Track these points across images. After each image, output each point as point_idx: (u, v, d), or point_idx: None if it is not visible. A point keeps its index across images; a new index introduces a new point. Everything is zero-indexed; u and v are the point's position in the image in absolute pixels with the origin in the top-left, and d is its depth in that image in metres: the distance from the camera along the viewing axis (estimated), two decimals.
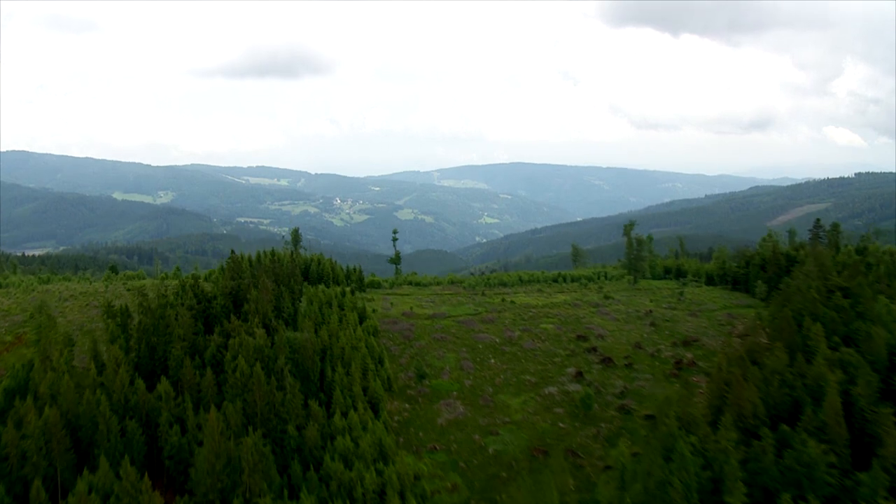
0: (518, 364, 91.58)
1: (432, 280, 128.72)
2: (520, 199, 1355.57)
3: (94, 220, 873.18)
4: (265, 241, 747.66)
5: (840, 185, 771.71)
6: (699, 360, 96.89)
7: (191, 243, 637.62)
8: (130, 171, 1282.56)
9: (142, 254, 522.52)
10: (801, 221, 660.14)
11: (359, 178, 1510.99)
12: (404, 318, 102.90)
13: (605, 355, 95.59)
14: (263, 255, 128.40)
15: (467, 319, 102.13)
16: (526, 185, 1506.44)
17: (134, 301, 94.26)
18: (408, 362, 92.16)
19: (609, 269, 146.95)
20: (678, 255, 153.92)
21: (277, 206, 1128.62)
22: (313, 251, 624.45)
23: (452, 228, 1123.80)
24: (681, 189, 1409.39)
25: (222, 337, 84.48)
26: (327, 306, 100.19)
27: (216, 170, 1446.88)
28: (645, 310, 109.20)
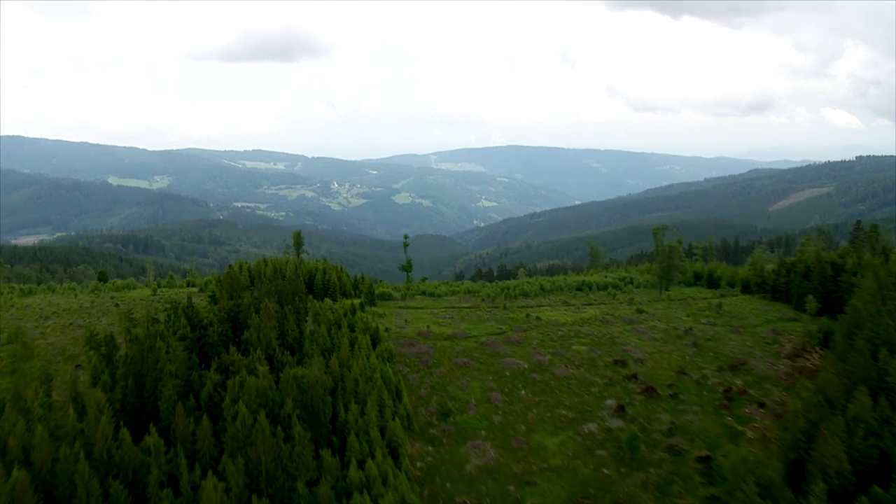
0: (552, 395, 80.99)
1: (447, 289, 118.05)
2: (517, 182, 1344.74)
3: (90, 205, 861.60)
4: (262, 226, 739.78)
5: (841, 169, 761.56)
6: (749, 387, 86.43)
7: (187, 230, 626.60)
8: (126, 155, 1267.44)
9: (137, 242, 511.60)
10: (802, 206, 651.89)
11: (356, 161, 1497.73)
12: (421, 339, 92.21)
13: (646, 384, 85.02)
14: (264, 264, 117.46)
15: (490, 340, 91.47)
16: (523, 168, 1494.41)
17: (121, 323, 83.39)
18: (428, 394, 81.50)
19: (634, 274, 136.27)
20: (706, 256, 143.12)
21: (274, 191, 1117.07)
22: (311, 236, 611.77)
23: (450, 212, 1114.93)
24: (679, 172, 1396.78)
25: (220, 373, 73.79)
26: (336, 327, 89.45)
27: (212, 154, 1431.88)
28: (684, 327, 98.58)
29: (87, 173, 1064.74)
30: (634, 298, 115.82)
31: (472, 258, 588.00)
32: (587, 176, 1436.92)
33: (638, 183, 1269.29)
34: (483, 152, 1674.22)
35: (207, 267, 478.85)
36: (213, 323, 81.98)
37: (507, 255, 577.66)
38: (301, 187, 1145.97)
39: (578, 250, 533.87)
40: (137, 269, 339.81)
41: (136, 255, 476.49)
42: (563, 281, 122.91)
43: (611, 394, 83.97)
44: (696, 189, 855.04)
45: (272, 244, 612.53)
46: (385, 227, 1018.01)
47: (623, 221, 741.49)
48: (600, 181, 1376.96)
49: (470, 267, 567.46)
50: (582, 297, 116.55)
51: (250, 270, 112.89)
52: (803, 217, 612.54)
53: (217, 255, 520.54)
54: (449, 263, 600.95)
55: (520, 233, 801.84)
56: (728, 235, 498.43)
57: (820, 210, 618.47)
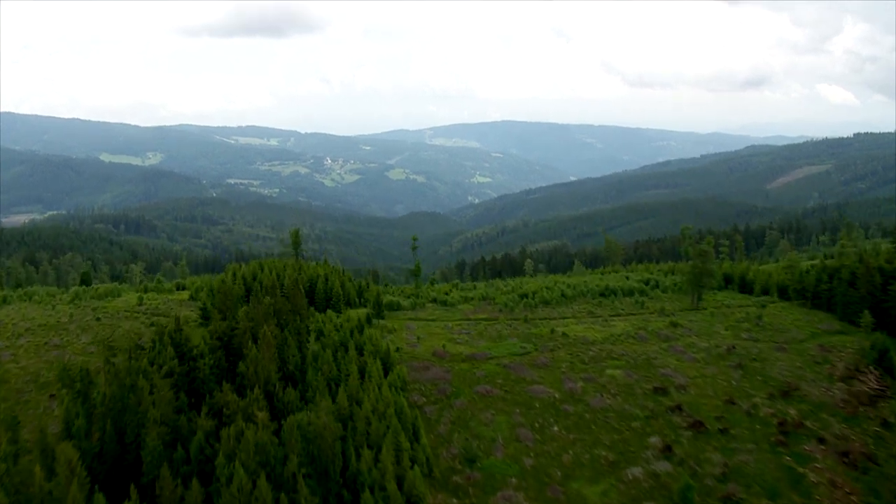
0: (588, 432, 71.10)
1: (460, 296, 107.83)
2: (511, 157, 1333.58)
3: (82, 183, 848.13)
4: (255, 205, 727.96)
5: (839, 146, 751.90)
6: (805, 417, 76.63)
7: (179, 209, 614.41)
8: (118, 132, 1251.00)
9: (129, 222, 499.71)
10: (801, 183, 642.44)
11: (349, 137, 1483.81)
12: (436, 361, 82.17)
13: (693, 417, 75.10)
14: (260, 269, 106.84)
15: (515, 363, 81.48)
16: (517, 144, 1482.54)
17: (101, 351, 73.10)
18: (448, 431, 71.47)
19: (657, 275, 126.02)
20: (733, 254, 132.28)
21: (268, 167, 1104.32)
22: (305, 214, 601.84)
23: (444, 188, 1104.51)
24: (674, 147, 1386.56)
25: (212, 418, 63.56)
26: (342, 349, 79.17)
27: (205, 130, 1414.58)
28: (726, 345, 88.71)
29: (79, 150, 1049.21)
30: (665, 308, 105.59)
31: (468, 237, 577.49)
32: (582, 152, 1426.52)
33: (633, 159, 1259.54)
34: (477, 128, 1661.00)
35: (200, 248, 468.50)
36: (205, 354, 71.57)
37: (503, 234, 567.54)
38: (294, 163, 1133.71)
39: (576, 229, 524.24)
40: (128, 253, 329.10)
41: (127, 236, 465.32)
42: (585, 286, 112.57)
43: (654, 429, 74.03)
44: (692, 166, 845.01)
45: (266, 223, 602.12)
46: (379, 203, 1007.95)
47: (620, 199, 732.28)
48: (595, 157, 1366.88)
49: (466, 246, 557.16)
50: (608, 306, 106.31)
51: (245, 278, 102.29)
52: (802, 195, 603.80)
53: (210, 235, 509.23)
54: (445, 242, 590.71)
55: (515, 210, 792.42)
56: (727, 214, 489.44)
57: (819, 188, 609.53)
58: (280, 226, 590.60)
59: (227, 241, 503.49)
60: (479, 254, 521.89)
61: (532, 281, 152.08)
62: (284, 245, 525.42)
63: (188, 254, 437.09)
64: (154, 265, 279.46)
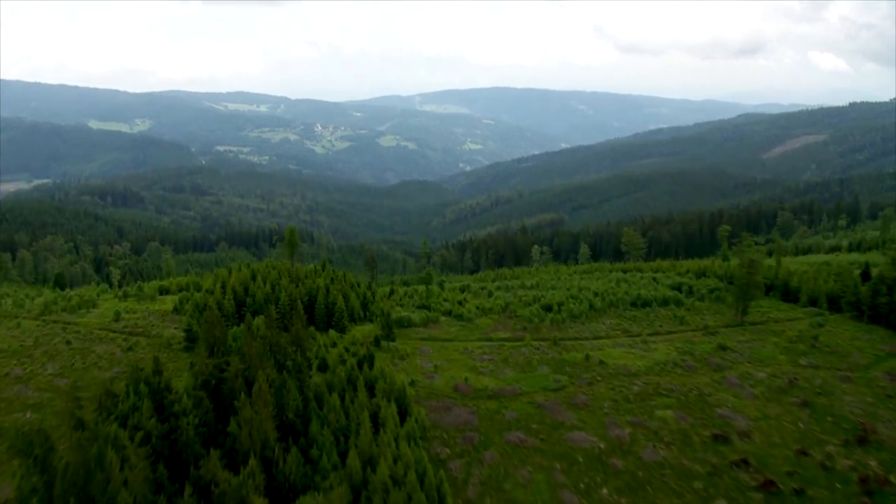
0: (643, 496, 59.53)
1: (476, 307, 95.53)
2: (503, 124, 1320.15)
3: (69, 151, 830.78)
4: (245, 174, 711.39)
5: (835, 116, 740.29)
6: (889, 470, 65.20)
7: (168, 178, 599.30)
8: (106, 98, 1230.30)
9: (115, 193, 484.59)
10: (798, 153, 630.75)
11: (339, 102, 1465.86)
12: (458, 399, 70.35)
13: (762, 474, 63.61)
14: (252, 279, 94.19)
15: (549, 402, 69.84)
16: (508, 110, 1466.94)
17: (64, 400, 60.60)
18: (479, 495, 59.82)
19: (687, 278, 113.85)
20: (772, 254, 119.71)
21: (257, 134, 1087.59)
22: (296, 183, 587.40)
23: (435, 155, 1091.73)
24: (666, 115, 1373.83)
25: (197, 498, 51.58)
26: (350, 388, 67.06)
27: (194, 96, 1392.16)
28: (785, 376, 77.30)
29: (67, 116, 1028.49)
30: (708, 324, 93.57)
31: (461, 208, 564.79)
32: (573, 118, 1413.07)
33: (624, 126, 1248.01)
34: (468, 94, 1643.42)
35: (189, 221, 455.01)
36: (188, 410, 59.22)
37: (497, 204, 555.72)
38: (284, 130, 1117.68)
39: (571, 201, 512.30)
40: (113, 229, 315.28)
41: (114, 208, 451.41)
42: (614, 294, 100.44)
43: (719, 491, 62.32)
44: (686, 134, 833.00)
45: (256, 192, 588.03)
46: (370, 170, 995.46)
47: (614, 168, 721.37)
48: (586, 123, 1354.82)
49: (460, 217, 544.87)
50: (643, 321, 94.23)
51: (235, 291, 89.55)
52: (799, 165, 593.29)
53: (199, 207, 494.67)
54: (437, 212, 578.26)
55: (507, 178, 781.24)
56: (726, 186, 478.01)
57: (816, 159, 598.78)
58: (270, 195, 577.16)
59: (217, 212, 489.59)
60: (473, 224, 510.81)
61: (543, 272, 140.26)
62: (274, 217, 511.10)
63: (176, 228, 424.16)
64: (140, 243, 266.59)
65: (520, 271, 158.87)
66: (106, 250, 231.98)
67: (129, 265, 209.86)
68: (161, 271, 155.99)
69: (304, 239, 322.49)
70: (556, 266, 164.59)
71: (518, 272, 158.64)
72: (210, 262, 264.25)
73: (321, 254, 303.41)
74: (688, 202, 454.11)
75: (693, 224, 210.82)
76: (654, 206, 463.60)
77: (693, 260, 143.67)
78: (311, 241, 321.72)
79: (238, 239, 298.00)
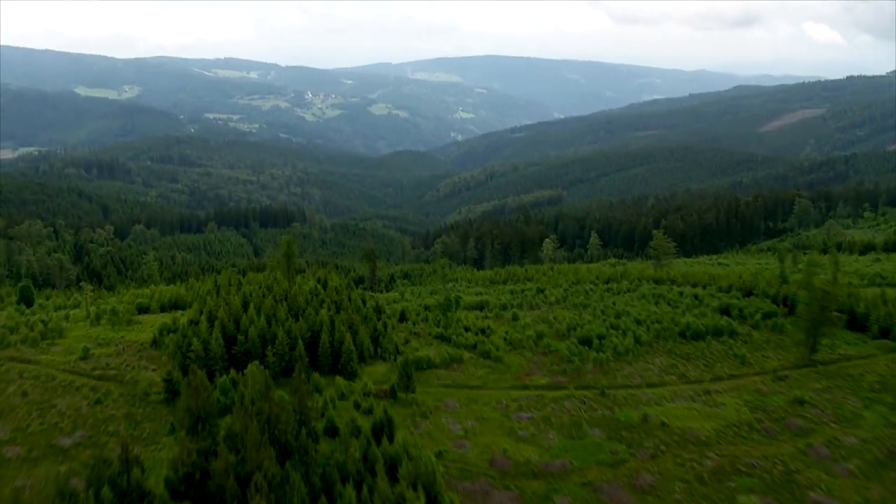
0: None
1: (504, 341, 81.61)
2: (495, 93, 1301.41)
3: (56, 118, 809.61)
4: (235, 143, 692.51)
5: (833, 90, 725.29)
6: None
7: (155, 148, 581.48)
8: (94, 64, 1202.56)
9: (101, 165, 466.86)
10: (795, 128, 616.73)
11: (330, 70, 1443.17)
12: (497, 480, 56.88)
13: None
14: (243, 310, 79.71)
15: (607, 483, 56.36)
16: (501, 79, 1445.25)
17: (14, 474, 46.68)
18: None
19: (729, 296, 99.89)
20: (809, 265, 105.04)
21: (247, 101, 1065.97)
22: (286, 153, 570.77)
23: (427, 124, 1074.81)
24: (659, 85, 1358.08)
25: None
26: (368, 474, 53.14)
27: (183, 62, 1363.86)
28: (882, 445, 63.44)
29: (54, 83, 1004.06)
30: (774, 365, 79.78)
31: (455, 181, 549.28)
32: (566, 87, 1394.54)
33: (618, 95, 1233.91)
34: (460, 62, 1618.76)
35: (177, 195, 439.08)
36: None
37: (492, 178, 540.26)
38: (274, 97, 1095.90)
39: (568, 175, 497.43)
40: (97, 207, 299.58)
41: (100, 181, 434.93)
42: (659, 323, 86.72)
43: None
44: (681, 106, 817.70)
45: (245, 163, 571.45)
46: (361, 139, 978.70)
47: (609, 139, 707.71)
48: (580, 93, 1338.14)
49: (454, 191, 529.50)
50: (697, 360, 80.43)
51: (224, 327, 75.07)
52: (797, 141, 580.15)
53: (187, 179, 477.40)
54: (431, 186, 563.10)
55: (500, 149, 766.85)
56: (727, 164, 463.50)
57: (815, 134, 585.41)
58: (260, 166, 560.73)
59: (205, 185, 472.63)
60: (468, 199, 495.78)
61: (561, 274, 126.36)
62: (265, 189, 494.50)
63: (164, 202, 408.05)
64: (124, 225, 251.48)
65: (533, 270, 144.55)
66: (88, 235, 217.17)
67: (111, 252, 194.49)
68: (144, 266, 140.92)
69: (295, 217, 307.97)
70: (574, 266, 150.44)
71: (532, 271, 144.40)
72: (198, 245, 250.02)
73: (314, 233, 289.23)
74: (688, 178, 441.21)
75: (709, 213, 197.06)
76: (653, 181, 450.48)
77: (732, 266, 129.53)
78: (304, 220, 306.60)
79: (227, 218, 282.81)
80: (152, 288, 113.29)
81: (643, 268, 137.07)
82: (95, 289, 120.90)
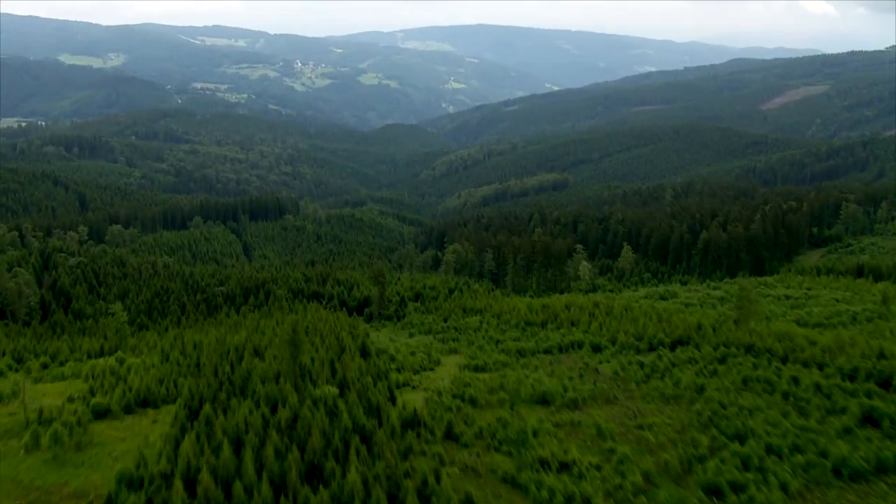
0: None
1: (599, 493, 56.30)
2: (486, 63, 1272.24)
3: (39, 88, 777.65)
4: (223, 116, 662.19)
5: (834, 65, 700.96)
6: None
7: (140, 122, 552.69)
8: (79, 31, 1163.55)
9: (83, 143, 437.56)
10: (799, 107, 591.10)
11: (319, 38, 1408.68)
12: None
13: None
14: (242, 464, 54.30)
15: None
16: (492, 48, 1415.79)
17: None
18: None
19: (870, 358, 75.12)
20: None
21: (235, 70, 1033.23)
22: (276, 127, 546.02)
23: (418, 94, 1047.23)
24: (651, 56, 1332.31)
25: None
26: None
27: (170, 30, 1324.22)
28: None
29: (38, 51, 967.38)
30: None
31: (452, 159, 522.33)
32: (558, 58, 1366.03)
33: (610, 66, 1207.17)
34: (451, 31, 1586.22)
35: (162, 175, 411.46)
36: None
37: (489, 157, 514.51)
38: (263, 66, 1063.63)
39: (569, 155, 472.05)
40: (73, 199, 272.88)
41: (81, 160, 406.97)
42: (803, 457, 61.77)
43: None
44: (678, 80, 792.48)
45: (234, 138, 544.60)
46: (352, 109, 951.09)
47: (606, 114, 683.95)
48: (572, 63, 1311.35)
49: (451, 169, 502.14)
50: None
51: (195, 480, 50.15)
52: (803, 120, 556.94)
53: (173, 157, 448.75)
54: (426, 163, 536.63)
55: (494, 123, 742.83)
56: (736, 146, 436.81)
57: (820, 113, 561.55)
58: (249, 142, 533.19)
59: (192, 164, 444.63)
60: (465, 178, 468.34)
61: (609, 317, 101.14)
62: (254, 169, 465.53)
63: (148, 184, 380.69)
64: (100, 226, 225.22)
65: (576, 310, 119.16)
66: (57, 243, 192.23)
67: (83, 264, 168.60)
68: (110, 319, 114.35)
69: (288, 208, 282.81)
70: (619, 300, 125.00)
71: (574, 309, 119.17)
72: (183, 245, 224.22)
73: (308, 227, 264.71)
74: (695, 161, 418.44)
75: (756, 225, 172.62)
76: (658, 162, 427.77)
77: None
78: (297, 211, 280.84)
79: (214, 212, 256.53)
80: (119, 357, 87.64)
81: (714, 317, 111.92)
82: (38, 366, 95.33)
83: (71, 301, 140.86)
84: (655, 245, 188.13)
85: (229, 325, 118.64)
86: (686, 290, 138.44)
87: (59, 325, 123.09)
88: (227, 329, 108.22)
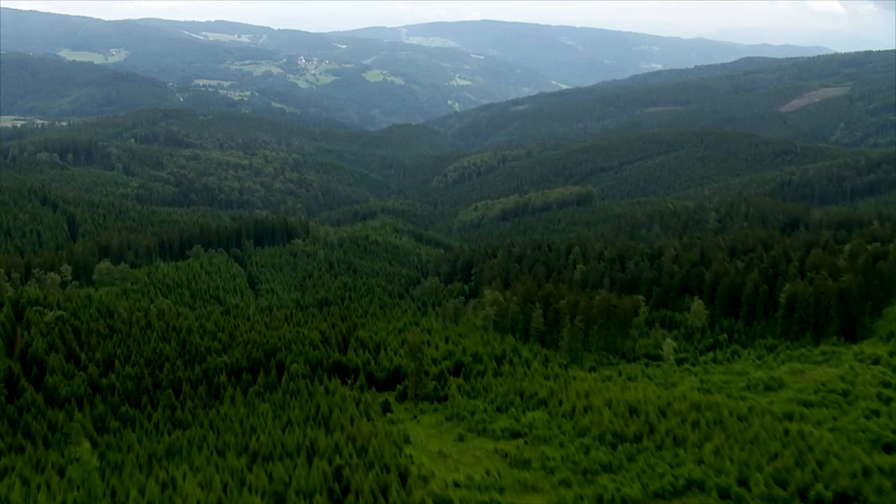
0: None
1: None
2: (491, 59, 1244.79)
3: (38, 85, 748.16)
4: (226, 117, 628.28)
5: (850, 65, 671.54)
6: None
7: (140, 124, 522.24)
8: (80, 25, 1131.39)
9: (78, 148, 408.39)
10: (820, 109, 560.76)
11: (323, 34, 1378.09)
12: None
13: None
14: None
15: None
16: (497, 45, 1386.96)
17: None
18: None
19: None
20: None
21: (238, 67, 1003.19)
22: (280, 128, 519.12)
23: (423, 91, 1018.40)
24: (657, 53, 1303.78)
25: None
26: None
27: (172, 25, 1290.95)
28: None
29: (37, 46, 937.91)
30: None
31: (464, 165, 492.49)
32: (564, 54, 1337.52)
33: (616, 64, 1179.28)
34: (456, 27, 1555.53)
35: (160, 185, 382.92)
36: None
37: (504, 163, 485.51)
38: (267, 63, 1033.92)
39: (588, 162, 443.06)
40: (62, 221, 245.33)
41: (76, 167, 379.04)
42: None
43: None
44: (689, 79, 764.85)
45: (237, 141, 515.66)
46: (356, 107, 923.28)
47: (618, 115, 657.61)
48: (578, 60, 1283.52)
49: (463, 176, 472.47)
50: None
51: None
52: (825, 124, 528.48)
53: (174, 164, 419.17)
54: (437, 169, 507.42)
55: (504, 123, 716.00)
56: (764, 154, 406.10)
57: (843, 116, 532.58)
58: (252, 145, 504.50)
59: (193, 171, 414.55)
60: (479, 186, 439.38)
61: (723, 434, 75.04)
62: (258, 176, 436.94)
63: (147, 193, 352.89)
64: (87, 262, 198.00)
65: (677, 419, 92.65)
66: (37, 281, 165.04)
67: (62, 319, 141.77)
68: (79, 464, 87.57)
69: (297, 232, 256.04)
70: (732, 408, 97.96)
71: (674, 423, 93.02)
72: (181, 282, 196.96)
73: (319, 252, 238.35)
74: (721, 171, 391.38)
75: (847, 277, 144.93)
76: (682, 171, 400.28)
77: None
78: (306, 234, 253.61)
79: (216, 237, 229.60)
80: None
81: (862, 439, 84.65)
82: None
83: (45, 373, 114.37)
84: (723, 294, 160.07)
85: (236, 430, 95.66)
86: (790, 372, 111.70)
87: (23, 420, 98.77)
88: (235, 442, 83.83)
